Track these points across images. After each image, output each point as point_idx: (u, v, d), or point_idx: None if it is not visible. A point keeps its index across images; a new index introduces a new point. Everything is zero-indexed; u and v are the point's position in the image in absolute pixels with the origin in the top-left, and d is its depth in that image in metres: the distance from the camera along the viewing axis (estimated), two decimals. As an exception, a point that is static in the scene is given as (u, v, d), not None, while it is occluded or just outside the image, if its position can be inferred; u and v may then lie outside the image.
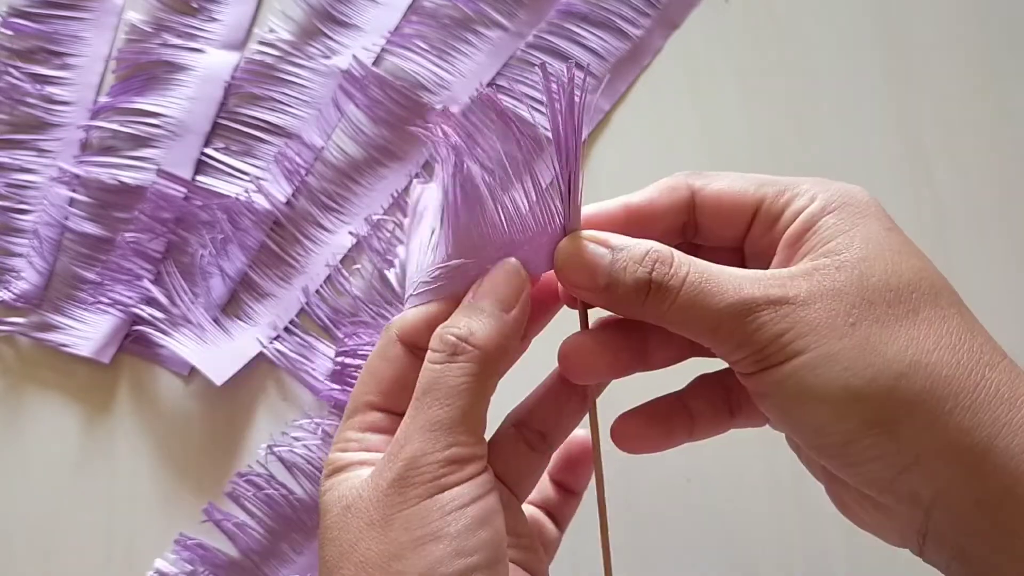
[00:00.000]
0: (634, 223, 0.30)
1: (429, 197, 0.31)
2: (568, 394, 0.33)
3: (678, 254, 0.28)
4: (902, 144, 0.52)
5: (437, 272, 0.29)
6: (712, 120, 0.52)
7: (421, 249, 0.30)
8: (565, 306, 0.32)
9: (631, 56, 0.53)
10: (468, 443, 0.27)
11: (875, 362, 0.25)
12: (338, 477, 0.28)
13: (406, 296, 0.30)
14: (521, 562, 0.31)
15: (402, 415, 0.29)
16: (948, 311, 0.27)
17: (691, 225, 0.31)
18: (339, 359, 0.47)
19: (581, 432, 0.35)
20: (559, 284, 0.31)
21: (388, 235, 0.49)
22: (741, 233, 0.30)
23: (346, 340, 0.47)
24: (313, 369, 0.47)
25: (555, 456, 0.35)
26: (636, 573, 0.45)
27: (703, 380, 0.33)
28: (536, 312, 0.31)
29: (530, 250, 0.29)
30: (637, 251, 0.28)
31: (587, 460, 0.35)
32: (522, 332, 0.29)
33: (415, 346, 0.29)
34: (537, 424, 0.33)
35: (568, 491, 0.35)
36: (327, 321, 0.48)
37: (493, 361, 0.28)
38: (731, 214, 0.30)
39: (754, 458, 0.46)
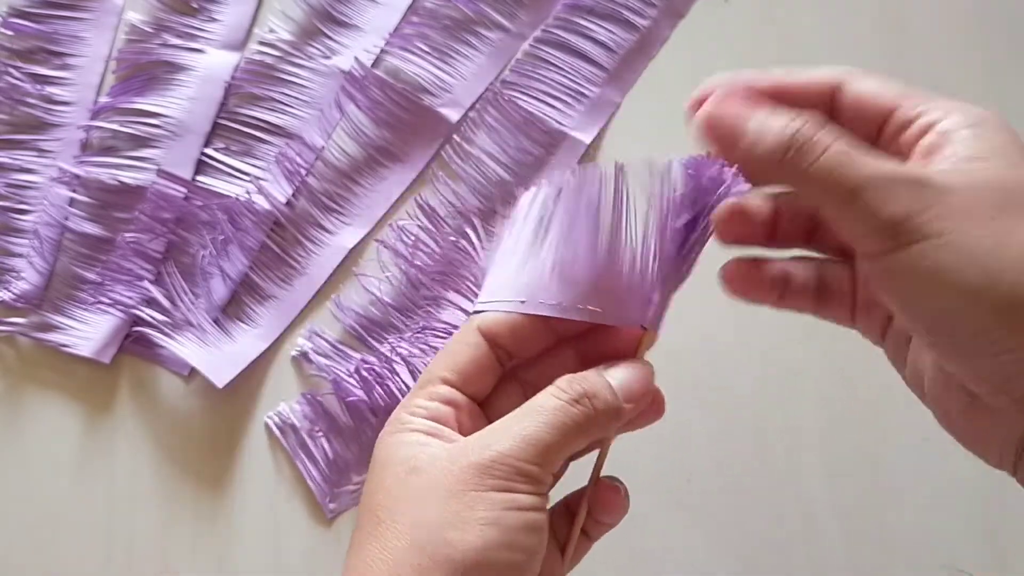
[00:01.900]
0: (780, 98, 0.31)
1: (538, 204, 0.33)
2: (576, 361, 0.34)
3: (827, 126, 0.28)
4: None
5: (553, 305, 0.32)
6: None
7: (515, 248, 0.33)
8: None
9: (639, 47, 0.53)
10: (546, 471, 0.29)
11: (1013, 254, 0.25)
12: (401, 436, 0.30)
13: (483, 301, 0.33)
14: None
15: (468, 395, 0.32)
16: None
17: (830, 115, 0.31)
18: (365, 365, 0.47)
19: (608, 480, 0.35)
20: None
21: (413, 239, 0.49)
22: (874, 133, 0.30)
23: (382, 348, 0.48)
24: (347, 375, 0.47)
25: (588, 498, 0.35)
26: (636, 572, 0.45)
27: (802, 259, 0.34)
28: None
29: (613, 298, 0.32)
30: (784, 115, 0.28)
31: (619, 507, 0.35)
32: (622, 424, 0.31)
33: (493, 339, 0.32)
34: (533, 377, 0.35)
35: (584, 535, 0.35)
36: (361, 331, 0.48)
37: (596, 427, 0.30)
38: (869, 112, 0.30)
39: (754, 458, 0.46)
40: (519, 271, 0.33)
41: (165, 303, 0.48)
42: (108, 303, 0.48)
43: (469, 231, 0.49)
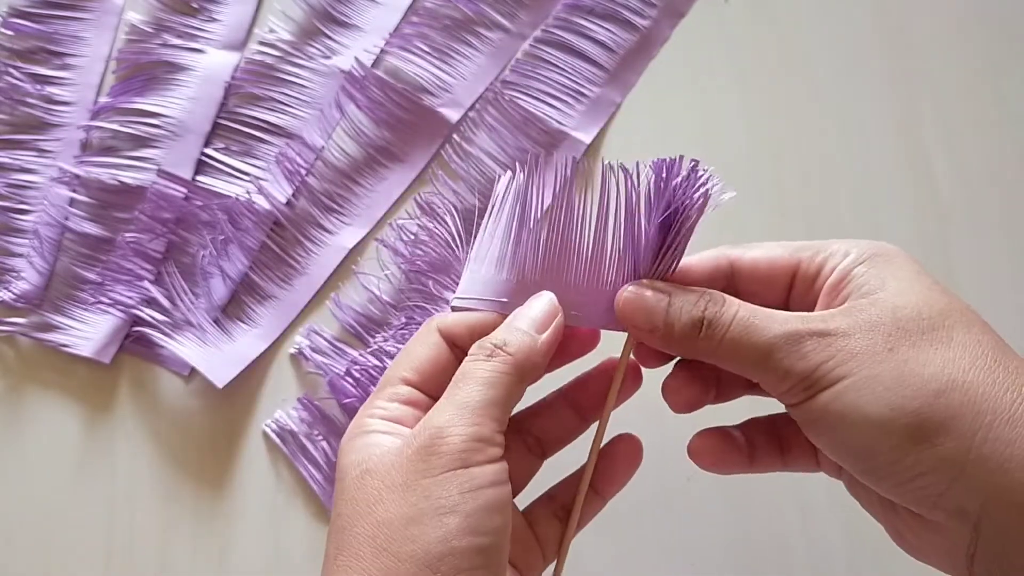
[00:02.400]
0: (680, 274, 0.33)
1: (512, 195, 0.33)
2: (570, 412, 0.35)
3: (729, 297, 0.30)
4: (903, 142, 0.52)
5: (504, 301, 0.33)
6: (713, 115, 0.52)
7: (492, 241, 0.33)
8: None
9: (640, 47, 0.53)
10: (491, 428, 0.29)
11: (914, 382, 0.27)
12: (359, 440, 0.30)
13: (461, 297, 0.33)
14: (514, 558, 0.33)
15: (429, 395, 0.32)
16: (981, 337, 0.28)
17: (730, 291, 0.33)
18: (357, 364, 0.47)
19: (631, 435, 0.36)
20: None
21: (412, 238, 0.49)
22: (781, 296, 0.33)
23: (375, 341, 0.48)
24: (342, 376, 0.47)
25: (600, 455, 0.36)
26: (635, 572, 0.45)
27: (756, 421, 0.35)
28: (568, 351, 0.34)
29: (592, 301, 0.32)
30: (692, 294, 0.30)
31: (631, 466, 0.36)
32: (551, 353, 0.31)
33: (451, 339, 0.32)
34: (537, 431, 0.35)
35: (595, 492, 0.36)
36: (359, 328, 0.48)
37: (521, 368, 0.30)
38: (769, 279, 0.32)
39: (754, 458, 0.46)
40: (499, 269, 0.33)
41: (165, 303, 0.48)
42: (108, 303, 0.48)
43: (449, 223, 0.49)
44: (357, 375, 0.46)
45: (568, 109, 0.52)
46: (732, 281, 0.33)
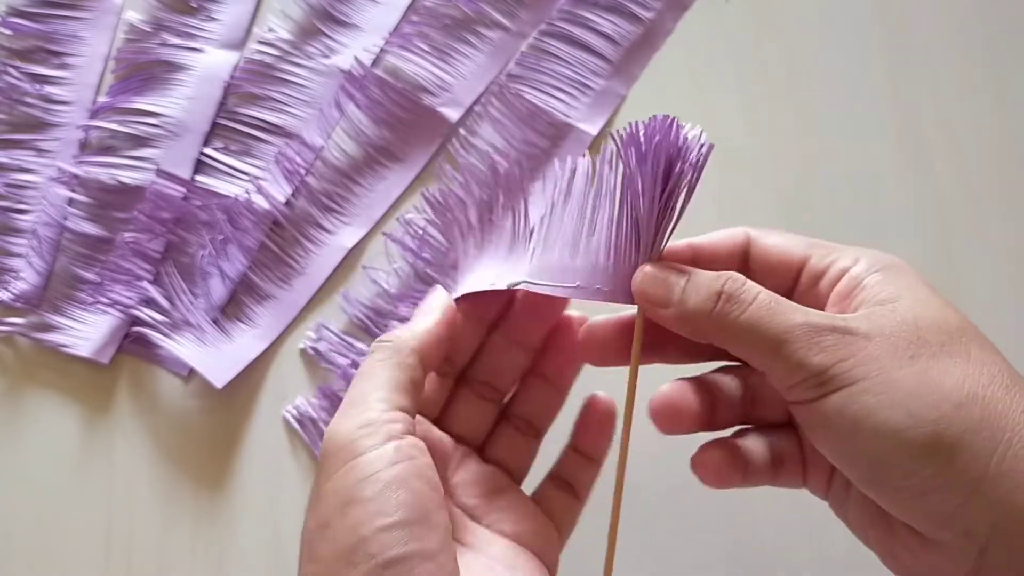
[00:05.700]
0: (697, 262, 0.32)
1: (579, 180, 0.33)
2: (546, 385, 0.36)
3: (750, 281, 0.29)
4: (904, 141, 0.52)
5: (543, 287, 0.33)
6: (715, 112, 0.52)
7: (561, 226, 0.33)
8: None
9: (644, 40, 0.53)
10: (379, 410, 0.29)
11: (935, 391, 0.26)
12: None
13: (531, 281, 0.33)
14: (527, 540, 0.33)
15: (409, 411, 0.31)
16: (996, 357, 0.28)
17: (744, 272, 0.33)
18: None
19: (602, 393, 0.36)
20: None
21: (420, 231, 0.49)
22: (788, 285, 0.32)
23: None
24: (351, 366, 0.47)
25: (576, 422, 0.37)
26: (636, 572, 0.45)
27: (748, 432, 0.35)
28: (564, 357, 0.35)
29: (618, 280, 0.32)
30: (710, 273, 0.30)
31: (607, 423, 0.36)
32: (434, 331, 0.32)
33: (425, 358, 0.32)
34: (521, 414, 0.36)
35: (587, 457, 0.36)
36: (368, 323, 0.48)
37: (399, 351, 0.30)
38: (780, 266, 0.32)
39: (754, 458, 0.46)
40: (573, 253, 0.32)
41: (164, 303, 0.48)
42: (107, 303, 0.48)
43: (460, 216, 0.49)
44: None
45: (574, 102, 0.52)
46: (747, 261, 0.33)
